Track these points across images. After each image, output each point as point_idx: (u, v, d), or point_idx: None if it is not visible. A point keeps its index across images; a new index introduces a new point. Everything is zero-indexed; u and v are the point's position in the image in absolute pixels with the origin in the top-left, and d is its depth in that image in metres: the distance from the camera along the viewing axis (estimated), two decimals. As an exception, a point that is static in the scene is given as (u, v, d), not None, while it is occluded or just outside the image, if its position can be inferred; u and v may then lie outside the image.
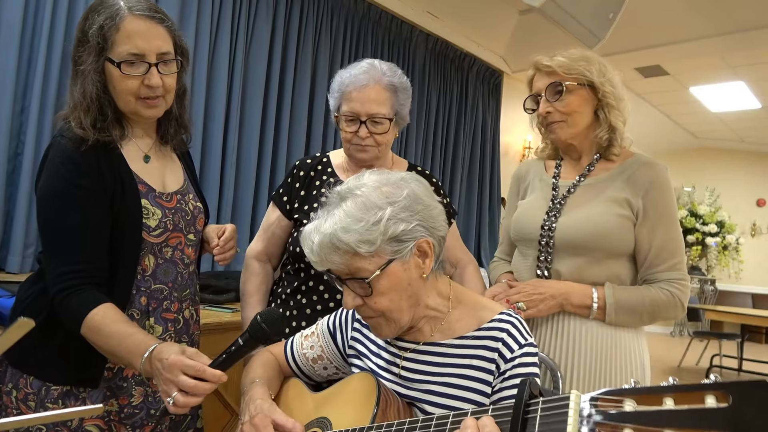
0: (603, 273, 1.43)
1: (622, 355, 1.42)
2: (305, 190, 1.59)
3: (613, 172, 1.48)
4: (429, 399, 1.04)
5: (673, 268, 1.41)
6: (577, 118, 1.48)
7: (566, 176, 1.57)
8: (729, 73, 5.71)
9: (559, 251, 1.46)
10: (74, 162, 1.16)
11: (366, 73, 1.48)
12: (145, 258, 1.25)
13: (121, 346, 1.07)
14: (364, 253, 0.96)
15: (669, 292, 1.39)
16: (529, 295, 1.43)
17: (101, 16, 1.16)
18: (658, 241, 1.40)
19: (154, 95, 1.21)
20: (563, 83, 1.46)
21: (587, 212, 1.44)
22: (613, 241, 1.41)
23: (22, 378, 1.20)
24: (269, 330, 1.02)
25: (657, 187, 1.42)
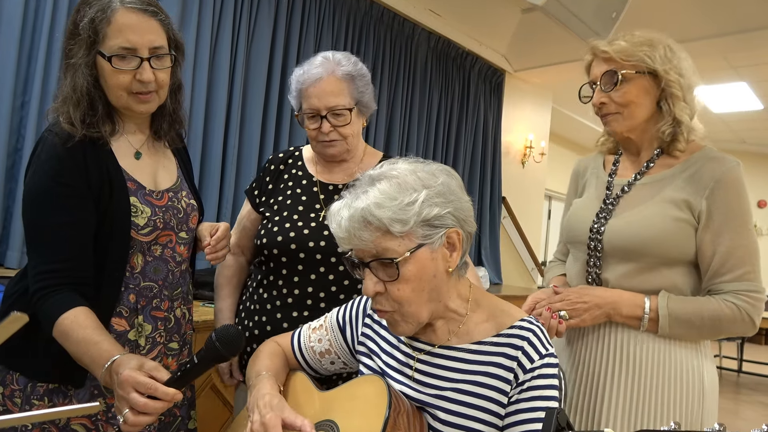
0: (657, 282, 1.28)
1: (677, 372, 1.27)
2: (273, 183, 1.57)
3: (675, 169, 1.32)
4: (441, 405, 1.01)
5: (743, 278, 1.24)
6: (634, 110, 1.33)
7: (623, 173, 1.43)
8: (731, 74, 5.70)
9: (608, 256, 1.34)
10: (59, 159, 1.14)
11: (319, 67, 1.46)
12: (134, 256, 1.23)
13: (85, 354, 1.04)
14: (396, 232, 0.94)
15: (734, 305, 1.23)
16: (572, 304, 1.31)
17: (93, 8, 1.13)
18: (723, 248, 1.24)
19: (146, 90, 1.18)
20: (619, 71, 1.31)
21: (639, 215, 1.31)
22: (667, 247, 1.26)
23: (8, 374, 1.18)
24: (223, 349, 0.97)
25: (724, 186, 1.25)
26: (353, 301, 1.24)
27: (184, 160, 1.43)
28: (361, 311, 1.20)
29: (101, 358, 1.01)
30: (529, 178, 5.95)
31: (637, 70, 1.31)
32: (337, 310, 1.25)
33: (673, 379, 1.28)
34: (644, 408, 1.28)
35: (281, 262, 1.45)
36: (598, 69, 1.36)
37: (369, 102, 1.52)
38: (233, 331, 0.99)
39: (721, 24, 4.29)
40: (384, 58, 4.14)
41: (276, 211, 1.50)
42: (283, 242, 1.43)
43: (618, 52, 1.31)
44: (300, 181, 1.55)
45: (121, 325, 1.22)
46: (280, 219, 1.48)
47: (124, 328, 1.22)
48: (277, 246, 1.44)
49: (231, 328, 0.99)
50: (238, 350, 1.00)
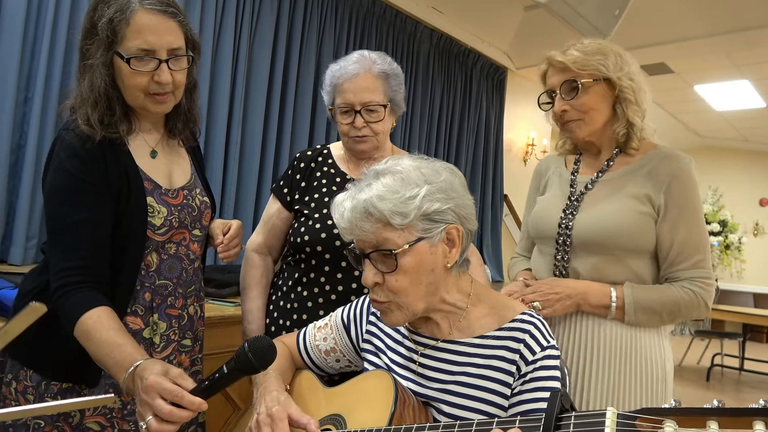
0: (623, 272, 1.37)
1: (642, 356, 1.37)
2: (306, 181, 1.58)
3: (633, 166, 1.42)
4: (446, 398, 1.02)
5: (696, 266, 1.35)
6: (594, 116, 1.42)
7: (585, 172, 1.52)
8: (734, 72, 5.68)
9: (576, 249, 1.41)
10: (80, 157, 1.14)
11: (356, 63, 1.48)
12: (149, 255, 1.23)
13: (108, 357, 1.02)
14: (396, 225, 0.96)
15: (691, 291, 1.33)
16: (544, 295, 1.38)
17: (111, 8, 1.12)
18: (680, 238, 1.34)
19: (163, 91, 1.18)
20: (578, 80, 1.39)
21: (605, 209, 1.39)
22: (632, 238, 1.35)
23: (22, 370, 1.19)
24: (255, 360, 0.93)
25: (679, 181, 1.35)
26: (357, 300, 1.25)
27: (197, 158, 1.43)
28: (365, 310, 1.21)
29: (125, 362, 0.99)
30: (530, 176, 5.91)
31: (594, 78, 1.39)
32: (342, 309, 1.26)
33: (640, 363, 1.37)
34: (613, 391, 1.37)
35: (324, 259, 1.46)
36: (555, 78, 1.43)
37: (400, 102, 1.56)
38: (266, 342, 0.95)
39: (723, 22, 4.28)
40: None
41: (314, 209, 1.51)
42: (327, 239, 1.44)
43: (574, 62, 1.39)
44: (334, 178, 1.57)
45: (137, 323, 1.22)
46: (321, 216, 1.48)
47: (139, 327, 1.22)
48: (321, 243, 1.45)
49: (264, 340, 0.96)
50: (270, 362, 0.96)
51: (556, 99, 1.43)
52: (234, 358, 0.94)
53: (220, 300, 2.47)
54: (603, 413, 0.64)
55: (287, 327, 1.49)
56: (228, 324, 2.19)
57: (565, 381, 1.34)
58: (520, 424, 0.76)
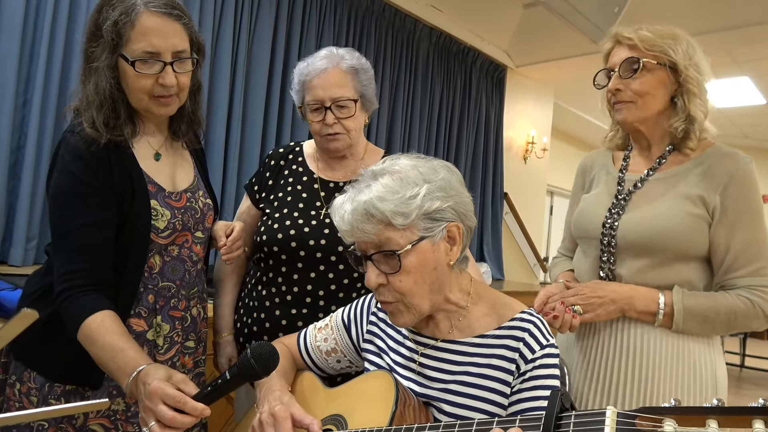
0: (671, 277, 1.28)
1: (691, 367, 1.27)
2: (273, 179, 1.57)
3: (688, 165, 1.32)
4: (446, 398, 1.02)
5: (756, 274, 1.24)
6: (649, 101, 1.31)
7: (635, 169, 1.41)
8: (734, 69, 5.68)
9: (621, 252, 1.33)
10: (84, 160, 1.14)
11: (324, 59, 1.46)
12: (152, 257, 1.23)
13: (111, 361, 1.02)
14: (398, 225, 0.96)
15: (749, 300, 1.23)
16: (586, 298, 1.30)
17: (116, 10, 1.12)
18: (737, 243, 1.24)
19: (167, 94, 1.18)
20: (641, 59, 1.28)
21: (654, 210, 1.30)
22: (682, 242, 1.26)
23: (26, 372, 1.19)
24: (258, 367, 0.93)
25: (737, 182, 1.25)
26: (358, 301, 1.25)
27: (200, 159, 1.43)
28: (366, 310, 1.22)
29: (127, 366, 0.99)
30: (531, 174, 5.94)
31: (659, 62, 1.29)
32: (342, 310, 1.26)
33: (689, 375, 1.27)
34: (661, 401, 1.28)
35: (281, 260, 1.45)
36: (618, 56, 1.34)
37: (372, 97, 1.52)
38: (269, 349, 0.95)
39: (723, 18, 4.28)
40: (385, 54, 4.13)
41: (276, 208, 1.50)
42: (283, 240, 1.43)
43: (643, 40, 1.29)
44: (301, 177, 1.55)
45: (140, 325, 1.22)
46: (281, 216, 1.47)
47: (143, 329, 1.22)
48: (277, 243, 1.43)
49: (266, 346, 0.95)
50: (272, 369, 0.96)
51: (613, 77, 1.33)
52: (237, 364, 0.94)
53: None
54: (603, 412, 0.64)
55: (249, 324, 1.49)
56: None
57: (564, 380, 1.34)
58: (520, 424, 0.76)
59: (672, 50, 1.29)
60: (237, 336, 1.54)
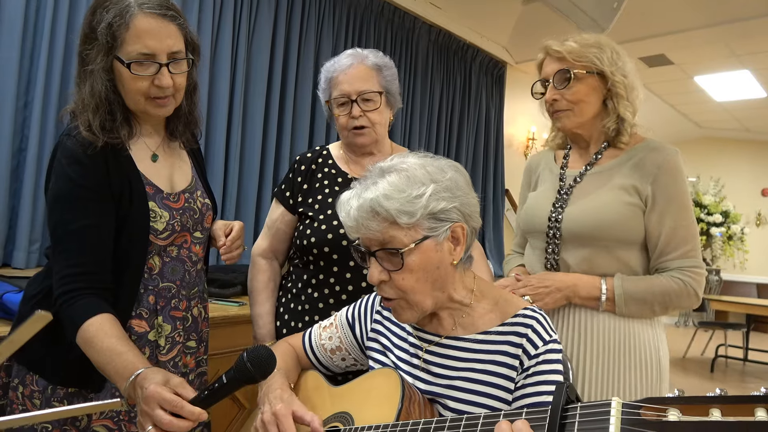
0: (613, 263, 1.38)
1: (636, 347, 1.37)
2: (308, 183, 1.58)
3: (621, 158, 1.44)
4: (451, 394, 1.03)
5: (686, 256, 1.35)
6: (584, 107, 1.43)
7: (574, 165, 1.53)
8: (734, 62, 5.66)
9: (566, 242, 1.43)
10: (81, 164, 1.14)
11: (349, 57, 1.52)
12: (151, 259, 1.24)
13: (109, 365, 1.02)
14: (403, 224, 0.97)
15: (681, 280, 1.34)
16: (535, 288, 1.40)
17: (110, 12, 1.11)
18: (668, 228, 1.35)
19: (164, 95, 1.18)
20: (572, 71, 1.40)
21: (594, 201, 1.40)
22: (620, 230, 1.36)
23: (28, 375, 1.19)
24: (254, 371, 0.93)
25: (666, 172, 1.36)
26: (362, 300, 1.26)
27: (198, 160, 1.43)
28: (370, 308, 1.22)
29: (126, 370, 0.99)
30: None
31: (587, 70, 1.40)
32: (347, 309, 1.27)
33: (633, 355, 1.37)
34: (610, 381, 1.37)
35: (332, 260, 1.46)
36: (549, 67, 1.45)
37: (396, 94, 1.57)
38: (265, 352, 0.96)
39: (722, 12, 4.27)
40: (385, 52, 4.08)
41: (319, 210, 1.52)
42: (333, 239, 1.45)
43: (570, 52, 1.40)
44: (335, 179, 1.57)
45: (141, 326, 1.23)
46: (326, 217, 1.49)
47: (144, 330, 1.23)
48: (327, 244, 1.45)
49: (263, 350, 0.96)
50: (269, 372, 0.96)
51: (549, 88, 1.45)
52: (233, 368, 0.95)
53: (223, 300, 2.48)
54: (608, 403, 0.65)
55: (298, 329, 1.49)
56: (232, 324, 2.20)
57: (568, 374, 1.35)
58: (526, 416, 0.76)
59: (597, 59, 1.39)
60: None
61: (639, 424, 0.60)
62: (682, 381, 5.43)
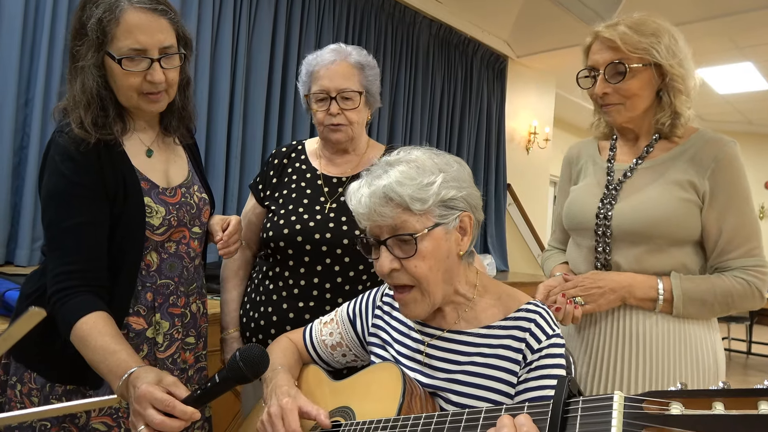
0: (667, 263, 1.30)
1: (692, 350, 1.30)
2: (277, 177, 1.59)
3: (674, 152, 1.34)
4: (453, 388, 1.03)
5: (749, 254, 1.27)
6: (636, 102, 1.32)
7: (622, 159, 1.42)
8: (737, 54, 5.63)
9: (617, 240, 1.34)
10: (74, 161, 1.13)
11: (332, 52, 1.50)
12: (148, 255, 1.23)
13: (102, 363, 1.01)
14: (416, 210, 0.98)
15: (744, 280, 1.26)
16: (587, 289, 1.32)
17: (100, 8, 1.10)
18: (729, 226, 1.26)
19: (156, 90, 1.17)
20: (627, 64, 1.28)
21: (646, 197, 1.31)
22: (676, 227, 1.28)
23: (26, 372, 1.19)
24: (246, 370, 0.93)
25: (724, 165, 1.27)
26: (363, 295, 1.27)
27: (194, 154, 1.43)
28: (371, 304, 1.23)
29: (119, 369, 0.99)
30: (533, 165, 5.92)
31: (644, 63, 1.29)
32: (347, 305, 1.27)
33: (690, 358, 1.30)
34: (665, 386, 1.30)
35: (288, 254, 1.47)
36: (600, 56, 1.32)
37: (376, 94, 1.55)
38: (257, 351, 0.96)
39: (725, 4, 4.24)
40: (386, 47, 4.12)
41: (281, 204, 1.52)
42: (289, 235, 1.45)
43: (625, 42, 1.28)
44: (304, 174, 1.57)
45: (139, 323, 1.22)
46: (286, 212, 1.49)
47: (142, 327, 1.23)
48: (283, 238, 1.45)
49: (255, 349, 0.96)
50: (262, 371, 0.97)
51: (599, 79, 1.33)
52: (226, 367, 0.95)
53: (225, 296, 2.48)
54: (611, 397, 0.64)
55: (256, 319, 1.51)
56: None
57: (570, 370, 1.34)
58: (528, 410, 0.76)
59: (655, 50, 1.27)
60: (244, 331, 1.56)
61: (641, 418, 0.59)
62: (685, 374, 5.42)
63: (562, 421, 0.69)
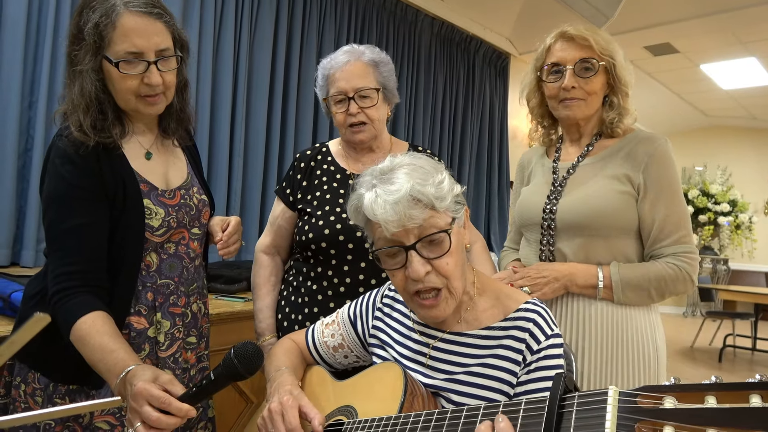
0: (608, 252, 1.40)
1: (633, 334, 1.39)
2: (307, 180, 1.60)
3: (612, 149, 1.46)
4: (454, 388, 1.04)
5: (679, 242, 1.38)
6: (594, 100, 1.45)
7: (566, 158, 1.55)
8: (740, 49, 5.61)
9: (561, 233, 1.45)
10: (74, 164, 1.14)
11: (346, 54, 1.52)
12: (148, 256, 1.24)
13: (101, 362, 1.03)
14: (439, 208, 0.99)
15: (675, 266, 1.36)
16: (532, 279, 1.41)
17: (96, 12, 1.12)
18: (661, 215, 1.37)
19: (154, 93, 1.18)
20: (598, 62, 1.41)
21: (587, 191, 1.42)
22: (614, 218, 1.38)
23: (30, 373, 1.20)
24: (241, 367, 0.95)
25: (656, 161, 1.39)
26: (363, 297, 1.28)
27: (193, 156, 1.44)
28: (372, 305, 1.24)
29: (116, 367, 1.00)
30: (536, 162, 5.91)
31: (607, 65, 1.42)
32: (348, 306, 1.28)
33: (632, 342, 1.39)
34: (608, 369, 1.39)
35: (330, 254, 1.49)
36: (569, 53, 1.44)
37: (393, 89, 1.57)
38: (252, 348, 0.97)
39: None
40: (388, 45, 4.12)
41: (317, 206, 1.54)
42: (330, 235, 1.47)
43: (598, 43, 1.41)
44: (334, 175, 1.59)
45: (141, 323, 1.24)
46: (323, 213, 1.51)
47: (143, 326, 1.24)
48: (325, 239, 1.47)
49: (249, 346, 0.97)
50: (256, 369, 0.98)
51: (568, 74, 1.43)
52: (221, 364, 0.96)
53: (229, 296, 2.49)
54: (605, 392, 0.65)
55: (299, 321, 1.52)
56: (237, 320, 2.21)
57: (571, 367, 1.36)
58: (525, 406, 0.77)
59: (617, 56, 1.42)
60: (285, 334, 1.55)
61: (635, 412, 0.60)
62: (690, 371, 5.42)
63: (558, 417, 0.70)
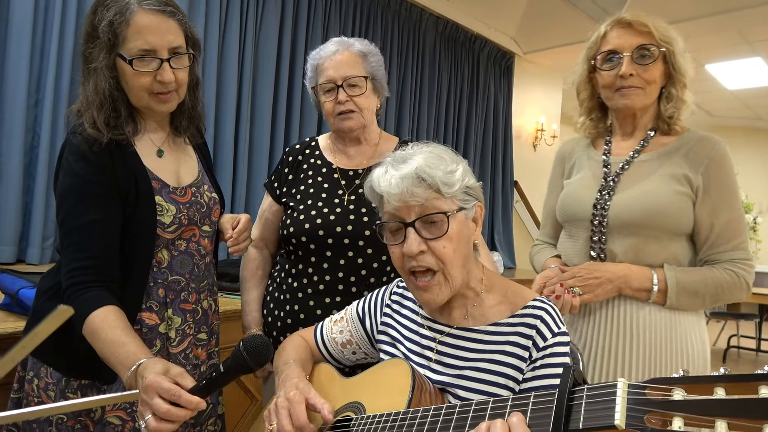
0: (660, 253, 1.35)
1: (681, 339, 1.35)
2: (293, 174, 1.60)
3: (670, 147, 1.39)
4: (461, 384, 1.05)
5: (737, 248, 1.33)
6: (653, 89, 1.37)
7: (618, 152, 1.47)
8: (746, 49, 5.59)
9: (613, 231, 1.37)
10: (88, 160, 1.16)
11: (335, 44, 1.53)
12: (159, 252, 1.26)
13: (113, 355, 1.04)
14: (444, 193, 1.01)
15: (734, 272, 1.32)
16: (584, 280, 1.35)
17: (110, 11, 1.14)
18: (721, 220, 1.32)
19: (166, 90, 1.20)
20: (658, 48, 1.34)
21: (644, 189, 1.35)
22: (672, 219, 1.32)
23: (43, 367, 1.21)
24: (250, 359, 0.96)
25: (716, 163, 1.33)
26: (372, 293, 1.28)
27: (204, 154, 1.45)
28: (380, 302, 1.24)
29: (128, 360, 1.01)
30: (540, 162, 5.91)
31: (667, 53, 1.35)
32: (357, 303, 1.29)
33: (681, 348, 1.35)
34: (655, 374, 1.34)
35: (310, 250, 1.47)
36: (626, 40, 1.36)
37: (382, 80, 1.57)
38: (261, 341, 0.98)
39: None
40: (392, 45, 4.12)
41: (300, 200, 1.53)
42: (310, 229, 1.46)
43: (657, 29, 1.34)
44: (320, 169, 1.58)
45: (152, 319, 1.25)
46: (305, 207, 1.50)
47: (155, 322, 1.25)
48: (305, 234, 1.46)
49: (259, 338, 0.98)
50: (265, 361, 0.99)
51: (626, 61, 1.35)
52: (230, 357, 0.97)
53: (235, 294, 2.50)
54: (614, 384, 0.65)
55: (281, 317, 1.51)
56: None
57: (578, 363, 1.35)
58: (535, 399, 0.77)
59: (676, 43, 1.36)
60: (270, 330, 1.56)
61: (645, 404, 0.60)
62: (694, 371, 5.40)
63: (567, 409, 0.70)
